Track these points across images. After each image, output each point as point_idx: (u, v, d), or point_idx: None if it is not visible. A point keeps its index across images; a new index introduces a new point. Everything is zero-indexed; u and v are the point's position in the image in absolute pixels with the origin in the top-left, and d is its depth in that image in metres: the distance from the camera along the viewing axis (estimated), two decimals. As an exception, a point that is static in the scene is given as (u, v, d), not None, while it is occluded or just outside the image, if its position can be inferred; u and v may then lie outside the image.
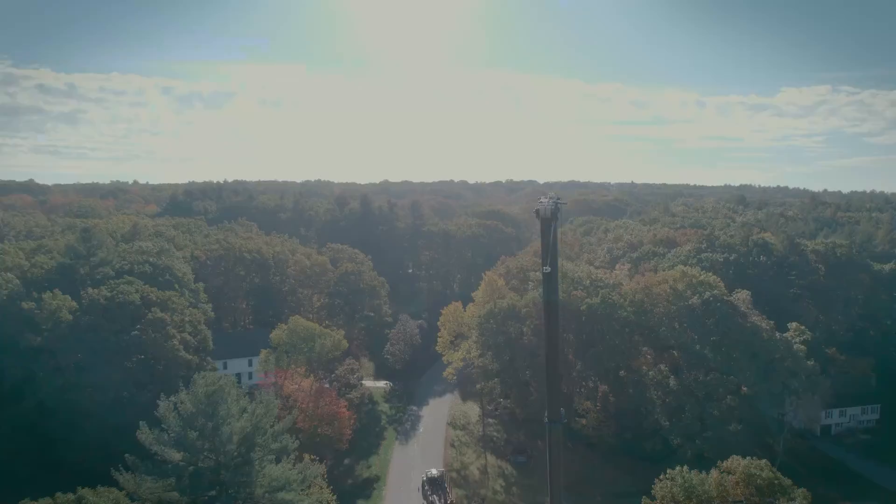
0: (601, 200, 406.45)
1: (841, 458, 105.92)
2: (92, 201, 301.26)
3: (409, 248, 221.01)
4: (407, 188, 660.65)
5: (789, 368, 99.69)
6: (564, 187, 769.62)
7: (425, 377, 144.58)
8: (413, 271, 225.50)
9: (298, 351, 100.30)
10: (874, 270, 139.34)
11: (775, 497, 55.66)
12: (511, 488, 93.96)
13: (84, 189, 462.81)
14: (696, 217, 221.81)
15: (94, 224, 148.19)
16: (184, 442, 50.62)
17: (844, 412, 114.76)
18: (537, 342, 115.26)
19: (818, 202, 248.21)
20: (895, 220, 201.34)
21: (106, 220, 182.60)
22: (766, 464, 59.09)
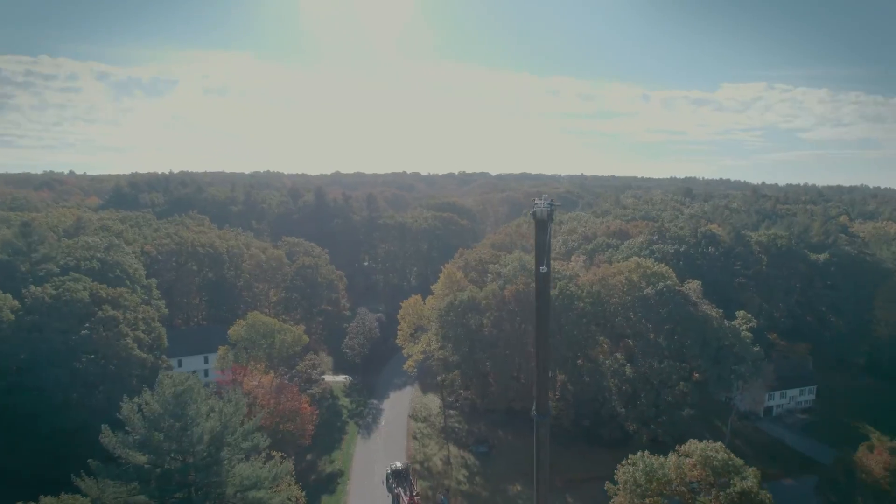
0: (553, 193, 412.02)
1: (782, 437, 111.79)
2: (26, 193, 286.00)
3: (364, 240, 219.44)
4: (359, 180, 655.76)
5: (737, 354, 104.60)
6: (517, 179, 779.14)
7: (385, 370, 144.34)
8: (369, 264, 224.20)
9: (258, 347, 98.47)
10: (811, 260, 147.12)
11: (730, 477, 58.47)
12: (474, 478, 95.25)
13: (14, 180, 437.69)
14: (646, 209, 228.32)
15: (33, 218, 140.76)
16: (150, 444, 49.09)
17: (785, 394, 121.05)
18: (497, 334, 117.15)
19: (759, 195, 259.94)
20: (827, 213, 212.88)
21: (45, 213, 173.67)
22: (720, 446, 61.98)
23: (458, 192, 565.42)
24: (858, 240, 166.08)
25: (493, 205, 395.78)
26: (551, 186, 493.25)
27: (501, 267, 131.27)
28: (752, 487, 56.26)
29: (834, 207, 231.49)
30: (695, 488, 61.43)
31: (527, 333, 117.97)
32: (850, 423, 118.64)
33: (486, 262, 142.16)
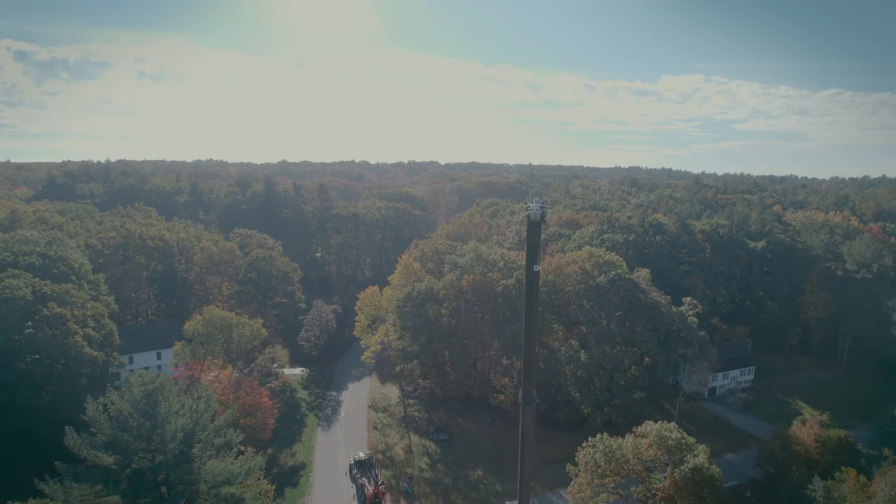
0: (503, 182, 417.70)
1: (725, 415, 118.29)
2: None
3: (317, 231, 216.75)
4: (307, 169, 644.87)
5: (684, 339, 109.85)
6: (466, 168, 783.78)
7: (342, 362, 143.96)
8: (322, 255, 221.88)
9: (215, 342, 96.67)
10: (749, 248, 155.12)
11: (683, 454, 61.97)
12: (436, 465, 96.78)
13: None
14: (594, 199, 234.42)
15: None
16: (119, 444, 47.85)
17: (727, 375, 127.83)
18: (455, 323, 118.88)
19: (700, 185, 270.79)
20: (763, 203, 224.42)
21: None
22: (674, 426, 65.53)
23: (408, 181, 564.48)
24: (791, 228, 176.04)
25: (443, 194, 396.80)
26: (501, 176, 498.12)
27: (458, 257, 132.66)
28: (704, 463, 59.87)
29: (769, 197, 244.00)
30: (650, 466, 64.83)
31: (484, 322, 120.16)
32: (784, 400, 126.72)
33: (443, 252, 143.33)
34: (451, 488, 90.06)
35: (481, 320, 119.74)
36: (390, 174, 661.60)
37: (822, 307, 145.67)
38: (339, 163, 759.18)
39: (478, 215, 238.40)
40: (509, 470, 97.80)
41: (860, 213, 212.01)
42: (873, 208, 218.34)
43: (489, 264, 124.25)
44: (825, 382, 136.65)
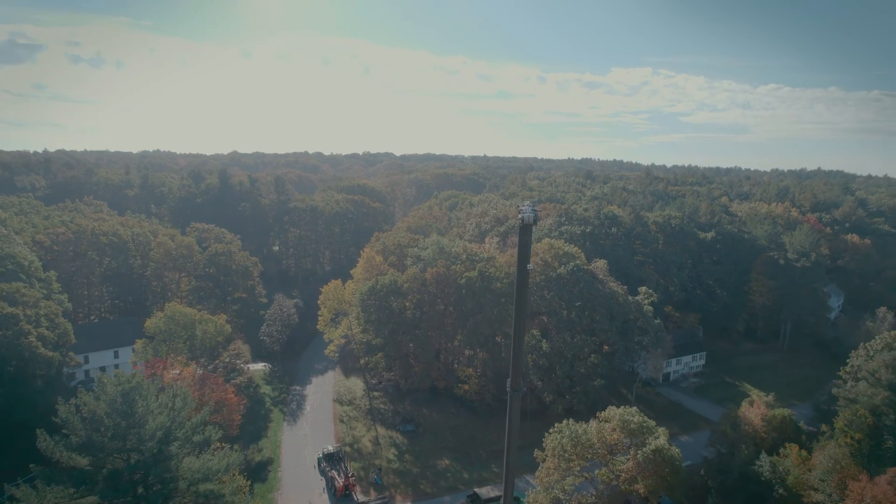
0: (460, 174, 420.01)
1: (679, 399, 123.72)
2: None
3: (274, 225, 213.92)
4: (259, 160, 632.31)
5: (641, 327, 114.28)
6: (421, 160, 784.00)
7: (304, 356, 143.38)
8: (280, 249, 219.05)
9: (178, 339, 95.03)
10: (700, 238, 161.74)
11: (644, 437, 65.17)
12: (404, 455, 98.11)
13: None
14: (550, 191, 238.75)
15: None
16: (94, 444, 47.08)
17: (680, 361, 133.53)
18: (420, 316, 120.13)
19: (652, 177, 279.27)
20: (711, 194, 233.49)
21: None
22: (636, 410, 68.72)
23: (364, 173, 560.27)
24: (737, 219, 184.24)
25: (400, 186, 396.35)
26: (457, 168, 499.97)
27: (420, 251, 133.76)
28: (664, 445, 63.18)
29: (716, 189, 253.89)
30: (613, 449, 67.87)
31: (447, 314, 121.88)
32: (733, 384, 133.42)
33: (405, 245, 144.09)
34: (419, 477, 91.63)
35: (444, 312, 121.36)
36: (345, 165, 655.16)
37: (766, 294, 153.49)
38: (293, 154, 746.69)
39: (437, 208, 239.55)
40: (475, 458, 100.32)
41: (799, 204, 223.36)
42: (811, 200, 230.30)
43: (452, 257, 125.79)
44: (769, 365, 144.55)
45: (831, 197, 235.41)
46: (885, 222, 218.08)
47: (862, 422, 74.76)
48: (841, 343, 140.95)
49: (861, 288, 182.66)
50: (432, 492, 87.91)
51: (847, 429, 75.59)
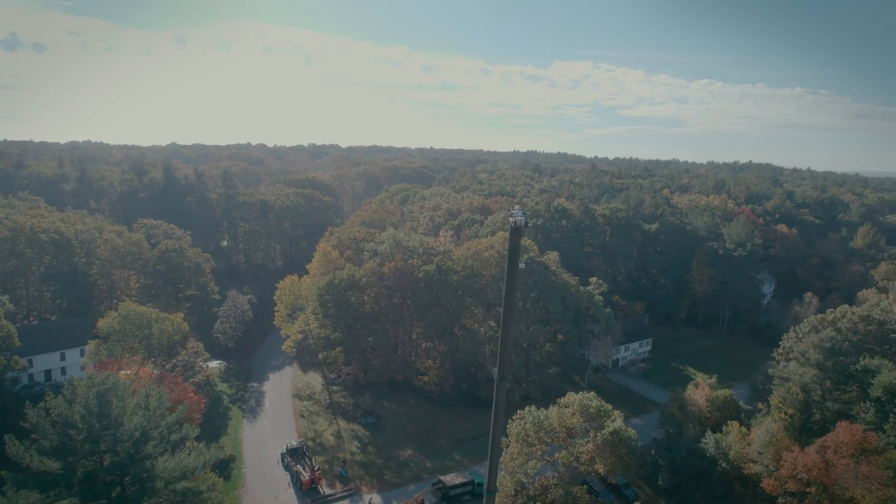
0: (409, 167, 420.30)
1: (628, 384, 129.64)
2: None
3: (222, 219, 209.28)
4: (200, 152, 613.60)
5: (592, 316, 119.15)
6: (368, 152, 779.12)
7: (260, 353, 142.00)
8: (229, 244, 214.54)
9: (134, 338, 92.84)
10: (645, 230, 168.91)
11: (602, 420, 68.94)
12: (367, 448, 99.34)
13: None
14: (500, 185, 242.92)
15: None
16: (68, 448, 46.24)
17: (628, 347, 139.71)
18: (378, 310, 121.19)
19: (597, 170, 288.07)
20: (654, 187, 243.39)
21: None
22: (594, 395, 72.46)
23: (310, 165, 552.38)
24: (679, 211, 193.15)
25: (349, 179, 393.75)
26: (406, 161, 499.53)
27: (377, 245, 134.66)
28: (621, 427, 67.11)
29: (658, 182, 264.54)
30: (573, 432, 71.44)
31: (405, 308, 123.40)
32: (677, 368, 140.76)
33: (361, 240, 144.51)
34: (383, 468, 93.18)
35: (402, 305, 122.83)
36: (291, 158, 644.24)
37: (706, 282, 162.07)
38: (235, 146, 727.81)
39: (388, 201, 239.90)
40: (437, 447, 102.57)
41: (735, 196, 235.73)
42: (745, 192, 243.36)
43: (409, 251, 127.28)
44: (710, 349, 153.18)
45: (763, 189, 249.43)
46: (809, 213, 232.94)
47: (794, 398, 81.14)
48: (773, 327, 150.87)
49: (790, 275, 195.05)
50: (397, 482, 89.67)
51: (781, 405, 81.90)
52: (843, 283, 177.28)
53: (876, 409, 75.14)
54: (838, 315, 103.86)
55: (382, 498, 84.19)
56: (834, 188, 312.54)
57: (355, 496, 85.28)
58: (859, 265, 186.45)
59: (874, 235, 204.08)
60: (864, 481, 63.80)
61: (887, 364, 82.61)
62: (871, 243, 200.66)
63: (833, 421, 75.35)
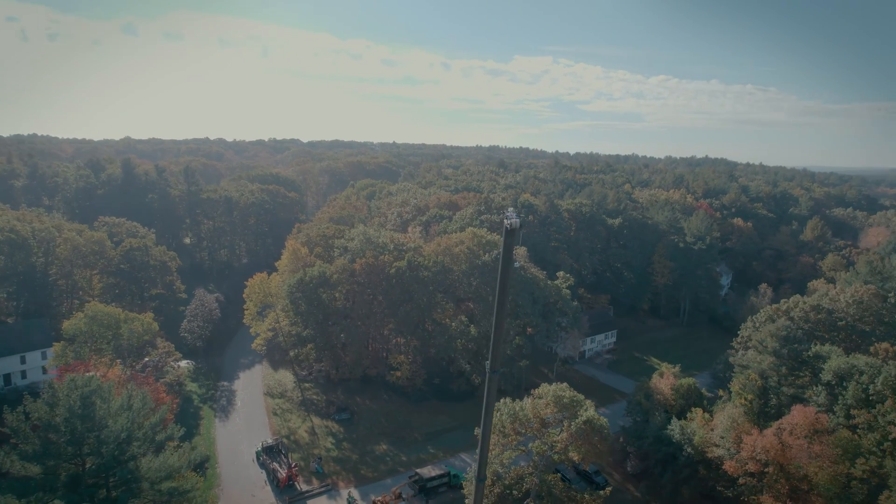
0: (374, 163, 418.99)
1: (595, 375, 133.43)
2: None
3: (185, 217, 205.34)
4: (157, 147, 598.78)
5: (560, 309, 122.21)
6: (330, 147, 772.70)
7: (229, 351, 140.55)
8: (192, 242, 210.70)
9: (102, 339, 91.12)
10: (608, 224, 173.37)
11: (575, 409, 71.50)
12: (342, 444, 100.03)
13: None
14: (466, 180, 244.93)
15: None
16: (50, 451, 45.66)
17: (594, 339, 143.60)
18: (350, 306, 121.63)
19: (560, 166, 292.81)
20: (616, 182, 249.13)
21: None
22: (566, 386, 74.97)
23: (271, 160, 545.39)
24: (640, 205, 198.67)
25: (313, 175, 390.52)
26: (369, 156, 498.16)
27: (347, 241, 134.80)
28: (593, 415, 69.78)
29: (619, 177, 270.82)
30: (547, 422, 73.81)
31: (376, 304, 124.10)
32: (641, 358, 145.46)
33: (331, 236, 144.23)
34: (359, 463, 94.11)
35: (373, 301, 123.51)
36: (251, 153, 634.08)
37: (667, 275, 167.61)
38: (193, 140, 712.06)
39: (354, 197, 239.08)
40: (411, 441, 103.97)
41: (693, 191, 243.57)
42: (703, 187, 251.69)
43: (379, 247, 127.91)
44: (671, 339, 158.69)
45: (719, 184, 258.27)
46: (763, 207, 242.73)
47: (753, 384, 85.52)
48: (731, 317, 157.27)
49: (746, 267, 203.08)
50: (373, 476, 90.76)
51: (741, 391, 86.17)
52: (795, 274, 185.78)
53: (827, 393, 79.97)
54: (791, 305, 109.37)
55: (360, 492, 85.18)
56: (784, 183, 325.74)
57: (332, 491, 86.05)
58: (809, 257, 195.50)
59: (822, 228, 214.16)
60: (816, 460, 68.12)
61: (836, 350, 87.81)
62: (819, 236, 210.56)
63: (788, 405, 79.90)
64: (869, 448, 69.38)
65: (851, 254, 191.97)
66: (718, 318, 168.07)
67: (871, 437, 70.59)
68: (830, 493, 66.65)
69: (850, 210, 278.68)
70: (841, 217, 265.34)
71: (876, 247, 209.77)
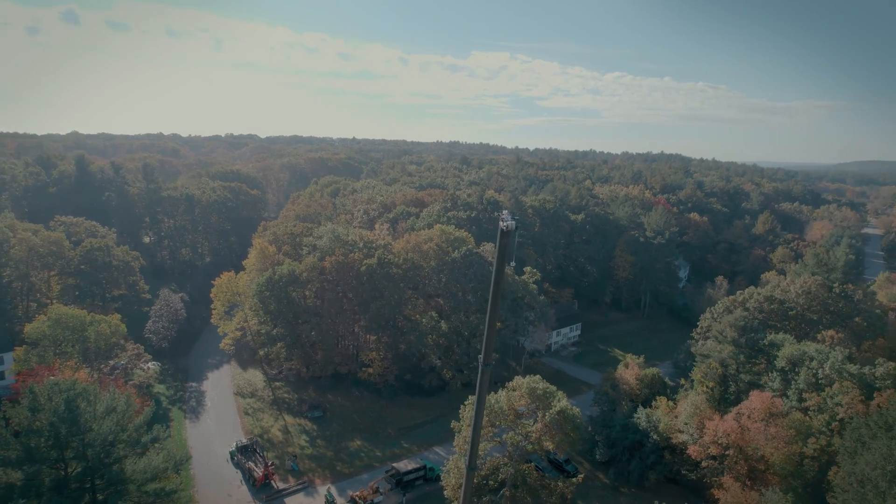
0: (335, 159, 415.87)
1: (561, 367, 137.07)
2: None
3: (145, 215, 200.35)
4: (107, 142, 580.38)
5: (528, 304, 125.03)
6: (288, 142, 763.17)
7: (195, 352, 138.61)
8: (152, 241, 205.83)
9: (67, 342, 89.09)
10: (571, 220, 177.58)
11: (549, 400, 74.05)
12: (316, 441, 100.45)
13: None
14: (431, 177, 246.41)
15: None
16: (34, 457, 45.01)
17: (560, 332, 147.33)
18: (321, 304, 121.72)
19: (523, 162, 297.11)
20: (577, 178, 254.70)
21: None
22: (540, 378, 77.46)
23: (229, 156, 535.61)
24: (602, 201, 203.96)
25: (273, 171, 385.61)
26: (330, 152, 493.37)
27: (316, 239, 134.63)
28: (566, 406, 72.47)
29: (580, 173, 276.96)
30: (521, 414, 76.18)
31: (346, 301, 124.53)
32: (605, 350, 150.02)
33: (298, 234, 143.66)
34: (334, 460, 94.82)
35: (343, 299, 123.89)
36: (208, 149, 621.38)
37: (628, 269, 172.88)
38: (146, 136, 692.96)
39: (318, 194, 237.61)
40: (384, 436, 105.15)
41: (651, 187, 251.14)
42: (660, 182, 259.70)
43: (349, 245, 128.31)
44: (633, 331, 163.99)
45: (676, 180, 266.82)
46: (717, 202, 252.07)
47: (714, 373, 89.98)
48: (689, 308, 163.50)
49: (702, 260, 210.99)
50: (349, 472, 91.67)
51: (703, 379, 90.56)
52: (748, 267, 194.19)
53: (781, 378, 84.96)
54: (746, 296, 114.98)
55: (337, 489, 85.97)
56: (737, 178, 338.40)
57: (309, 488, 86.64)
58: (760, 249, 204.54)
59: (772, 222, 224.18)
60: (772, 441, 72.59)
61: (789, 338, 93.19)
62: (769, 229, 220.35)
63: (746, 391, 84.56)
64: (819, 428, 74.34)
65: (799, 246, 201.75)
66: (677, 309, 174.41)
67: (820, 418, 75.61)
68: (785, 471, 71.13)
69: (797, 205, 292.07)
70: (788, 211, 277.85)
71: (820, 239, 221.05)
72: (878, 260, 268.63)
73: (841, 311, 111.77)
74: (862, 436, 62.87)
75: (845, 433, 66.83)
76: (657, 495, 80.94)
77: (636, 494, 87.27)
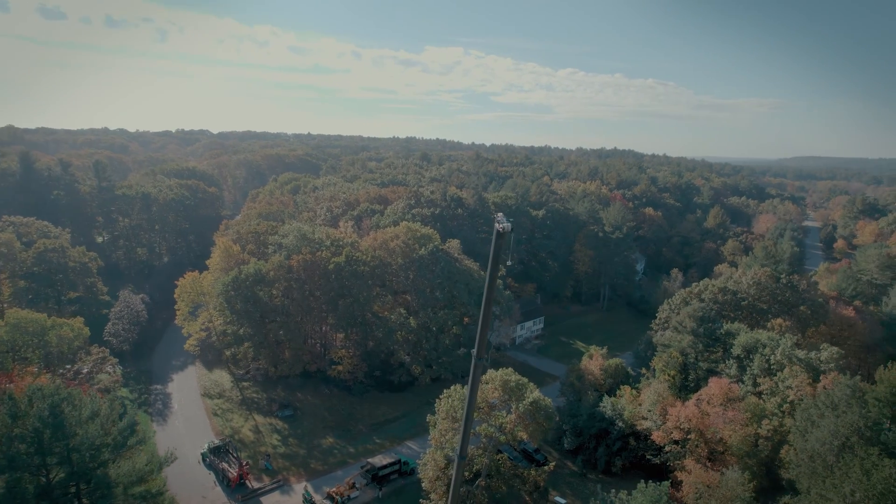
0: (293, 155, 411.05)
1: (526, 360, 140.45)
2: None
3: (98, 214, 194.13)
4: (48, 137, 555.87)
5: (494, 299, 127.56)
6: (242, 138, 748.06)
7: (157, 354, 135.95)
8: (106, 240, 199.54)
9: (27, 347, 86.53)
10: (532, 216, 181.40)
11: (522, 392, 76.61)
12: (288, 440, 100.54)
13: None
14: (392, 174, 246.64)
15: None
16: (16, 464, 44.13)
17: (524, 326, 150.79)
18: (288, 303, 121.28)
19: (482, 159, 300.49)
20: (535, 174, 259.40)
21: None
22: (512, 371, 79.92)
23: (181, 153, 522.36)
24: (561, 197, 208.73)
25: (229, 168, 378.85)
26: (288, 148, 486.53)
27: (281, 238, 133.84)
28: (539, 397, 75.19)
29: (538, 169, 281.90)
30: (494, 405, 78.55)
31: (314, 299, 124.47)
32: (567, 342, 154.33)
33: (263, 233, 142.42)
34: (308, 458, 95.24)
35: (311, 297, 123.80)
36: (158, 144, 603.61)
37: (587, 263, 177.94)
38: (90, 131, 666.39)
39: (278, 192, 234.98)
40: (357, 433, 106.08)
41: (607, 182, 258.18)
42: (616, 178, 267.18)
43: (315, 243, 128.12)
44: (594, 324, 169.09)
45: (630, 176, 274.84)
46: (670, 197, 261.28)
47: (675, 362, 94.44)
48: (646, 300, 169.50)
49: (657, 253, 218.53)
50: (324, 469, 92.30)
51: (665, 368, 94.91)
52: (700, 259, 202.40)
53: (737, 365, 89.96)
54: (702, 288, 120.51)
55: (313, 486, 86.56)
56: (688, 173, 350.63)
57: (284, 487, 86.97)
58: (712, 243, 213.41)
59: (722, 216, 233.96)
60: (730, 424, 77.08)
61: (743, 327, 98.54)
62: (720, 223, 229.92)
63: (705, 378, 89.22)
64: (772, 410, 79.28)
65: (747, 239, 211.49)
66: (635, 301, 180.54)
67: (773, 401, 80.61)
68: (742, 451, 75.67)
69: (744, 199, 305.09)
70: (737, 205, 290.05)
71: (766, 232, 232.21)
72: (817, 251, 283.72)
73: (788, 301, 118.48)
74: (811, 415, 67.67)
75: (796, 414, 71.68)
76: (623, 480, 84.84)
77: (603, 480, 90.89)
